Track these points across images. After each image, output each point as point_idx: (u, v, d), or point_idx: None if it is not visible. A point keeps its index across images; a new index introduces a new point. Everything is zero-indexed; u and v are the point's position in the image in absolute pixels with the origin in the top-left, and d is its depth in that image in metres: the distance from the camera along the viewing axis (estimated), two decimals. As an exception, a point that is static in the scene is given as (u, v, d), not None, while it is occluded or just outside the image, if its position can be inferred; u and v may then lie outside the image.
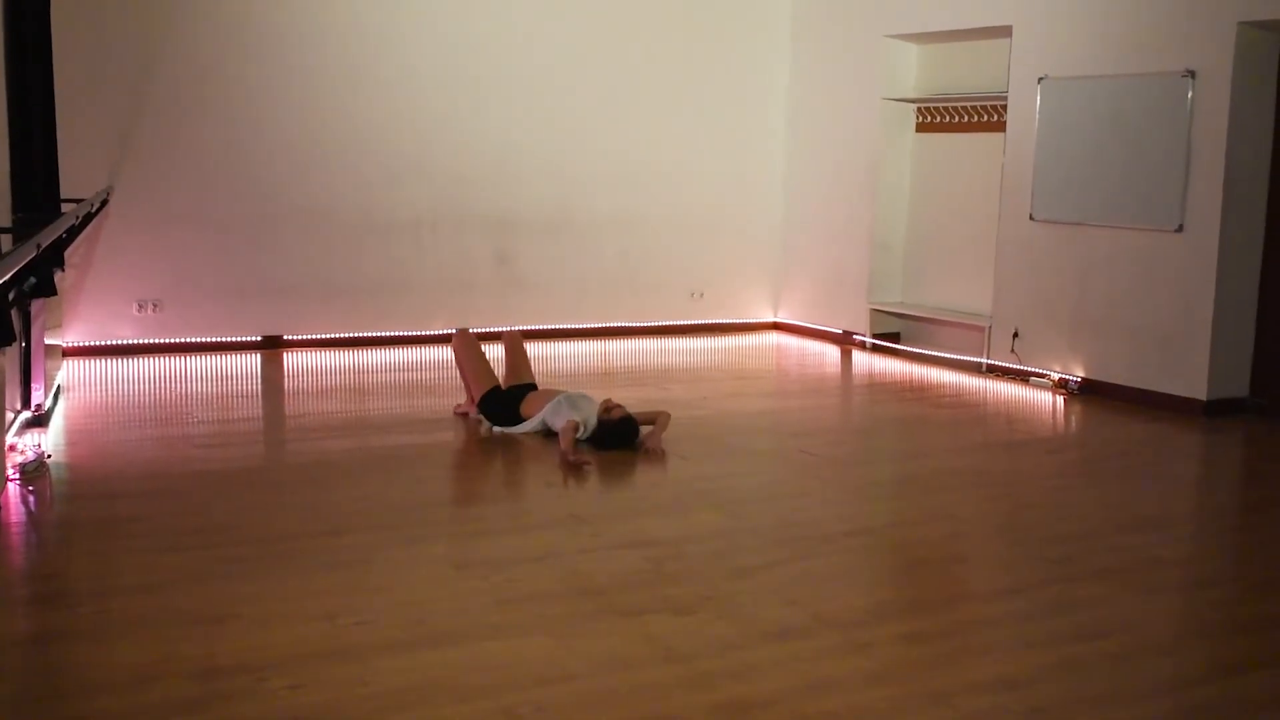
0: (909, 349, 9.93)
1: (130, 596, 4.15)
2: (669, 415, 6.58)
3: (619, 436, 6.30)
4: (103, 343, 8.67)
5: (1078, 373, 8.40)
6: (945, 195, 9.89)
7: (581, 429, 6.31)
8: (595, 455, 6.19)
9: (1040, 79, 8.54)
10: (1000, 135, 9.05)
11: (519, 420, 6.61)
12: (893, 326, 10.22)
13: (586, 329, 10.24)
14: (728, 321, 10.93)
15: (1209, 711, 3.55)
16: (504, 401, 6.73)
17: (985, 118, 9.43)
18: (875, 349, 10.06)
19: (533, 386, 6.89)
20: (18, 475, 5.46)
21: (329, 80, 9.09)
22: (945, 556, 5.03)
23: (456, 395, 7.38)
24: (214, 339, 8.98)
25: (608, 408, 6.34)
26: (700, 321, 10.79)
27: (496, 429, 6.66)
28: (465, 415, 7.01)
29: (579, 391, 6.62)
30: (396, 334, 9.55)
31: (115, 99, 8.47)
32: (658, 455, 6.21)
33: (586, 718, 3.36)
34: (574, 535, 5.01)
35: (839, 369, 9.46)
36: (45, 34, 6.99)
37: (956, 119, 9.72)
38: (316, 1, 9.00)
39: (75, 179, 7.92)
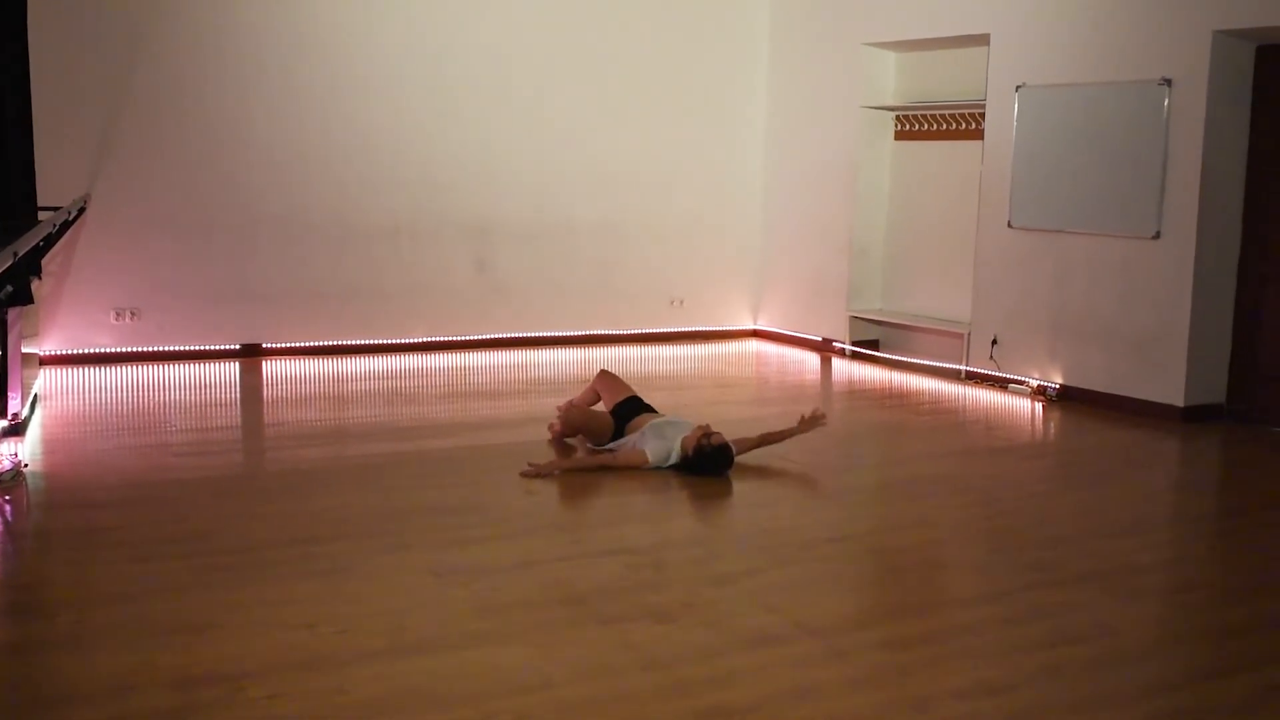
0: (888, 356, 9.96)
1: (107, 606, 4.13)
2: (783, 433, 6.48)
3: (714, 463, 6.04)
4: (80, 351, 8.62)
5: (1056, 379, 8.44)
6: (924, 203, 9.92)
7: (670, 455, 6.12)
8: (680, 479, 6.03)
9: (1018, 87, 8.58)
10: (978, 143, 9.09)
11: (622, 435, 6.42)
12: (872, 334, 10.24)
13: (566, 337, 10.23)
14: (707, 329, 10.94)
15: (1188, 716, 3.56)
16: (626, 413, 6.54)
17: (963, 125, 9.47)
18: (854, 356, 10.08)
19: (648, 408, 6.64)
20: (-6, 485, 5.42)
21: (308, 87, 9.07)
22: (925, 563, 5.04)
23: (434, 403, 7.36)
24: (192, 347, 8.93)
25: (708, 433, 6.06)
26: (680, 329, 10.80)
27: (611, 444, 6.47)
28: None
29: (671, 418, 6.43)
30: (375, 342, 9.52)
31: (93, 106, 8.43)
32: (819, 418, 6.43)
33: (567, 726, 3.36)
34: (554, 543, 5.01)
35: (819, 376, 9.47)
36: (22, 40, 6.96)
37: (935, 127, 9.76)
38: (295, 9, 8.99)
39: (52, 186, 7.89)
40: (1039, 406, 8.23)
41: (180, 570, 4.49)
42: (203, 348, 8.97)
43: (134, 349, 8.76)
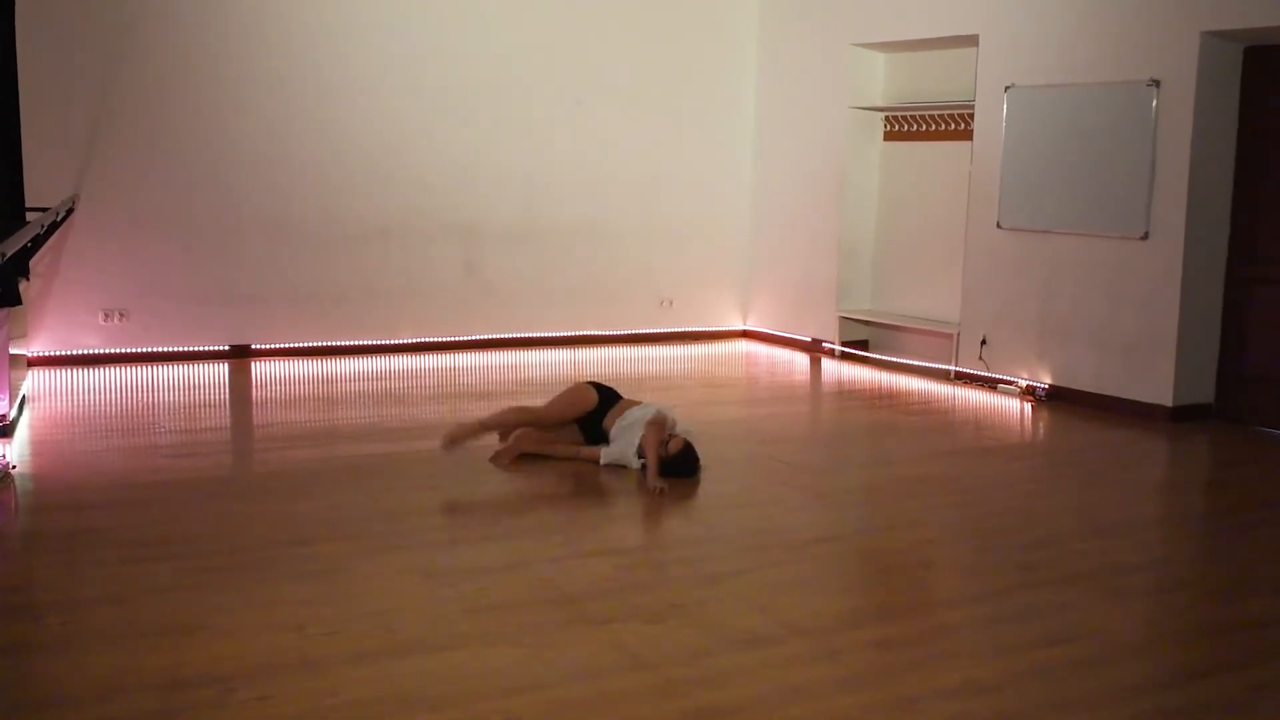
0: (878, 356, 9.97)
1: (96, 608, 4.12)
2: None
3: (680, 469, 5.98)
4: (68, 352, 8.59)
5: (1045, 379, 8.46)
6: (913, 203, 9.94)
7: (626, 459, 6.09)
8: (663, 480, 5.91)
9: (1007, 88, 8.60)
10: (967, 144, 9.11)
11: (601, 433, 6.34)
12: (861, 334, 10.25)
13: (555, 338, 10.23)
14: (697, 329, 10.95)
15: (1176, 716, 3.57)
16: (595, 419, 6.40)
17: (952, 126, 9.48)
18: (844, 356, 10.09)
19: (616, 398, 6.49)
20: (-19, 486, 5.41)
21: (297, 87, 9.05)
22: (914, 563, 5.05)
23: (424, 404, 7.35)
24: (181, 348, 8.91)
25: (663, 441, 5.98)
26: (669, 330, 10.80)
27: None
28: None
29: (640, 413, 6.25)
30: (365, 343, 9.50)
31: (81, 106, 8.41)
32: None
33: (557, 727, 3.36)
34: (544, 544, 5.00)
35: (808, 377, 9.48)
36: (9, 40, 6.95)
37: (924, 127, 9.78)
38: (284, 10, 8.97)
39: (40, 187, 7.87)
40: (1028, 407, 8.25)
41: (169, 572, 4.48)
42: (191, 349, 8.95)
43: (122, 350, 8.74)
